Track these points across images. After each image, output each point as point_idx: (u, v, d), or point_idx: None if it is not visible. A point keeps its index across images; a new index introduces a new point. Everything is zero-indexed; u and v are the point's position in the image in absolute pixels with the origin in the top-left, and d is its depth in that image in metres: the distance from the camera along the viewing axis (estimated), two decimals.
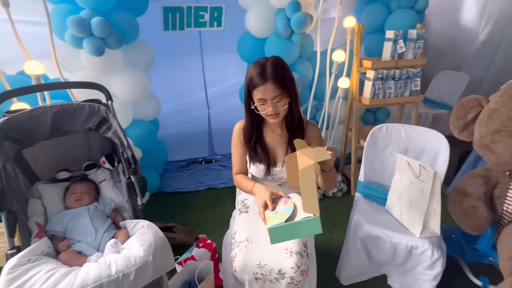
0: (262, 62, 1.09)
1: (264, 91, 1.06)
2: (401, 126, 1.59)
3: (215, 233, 1.96)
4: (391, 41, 2.07)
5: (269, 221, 0.98)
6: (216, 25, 2.41)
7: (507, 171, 1.17)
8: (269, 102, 1.07)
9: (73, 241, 1.10)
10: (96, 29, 1.63)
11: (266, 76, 1.05)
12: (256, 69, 1.07)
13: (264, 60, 1.09)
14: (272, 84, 1.05)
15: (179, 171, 2.74)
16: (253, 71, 1.07)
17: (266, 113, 1.11)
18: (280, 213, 1.00)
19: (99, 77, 1.87)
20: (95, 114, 1.21)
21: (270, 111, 1.09)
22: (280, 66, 1.09)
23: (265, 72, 1.05)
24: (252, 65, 1.10)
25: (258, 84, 1.06)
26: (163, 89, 2.55)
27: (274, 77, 1.05)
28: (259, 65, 1.08)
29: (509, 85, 1.15)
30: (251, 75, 1.07)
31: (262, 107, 1.10)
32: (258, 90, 1.06)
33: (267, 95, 1.07)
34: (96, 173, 1.36)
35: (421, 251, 1.29)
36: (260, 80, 1.05)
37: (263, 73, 1.05)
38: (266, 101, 1.08)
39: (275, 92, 1.07)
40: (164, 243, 1.01)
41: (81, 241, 1.10)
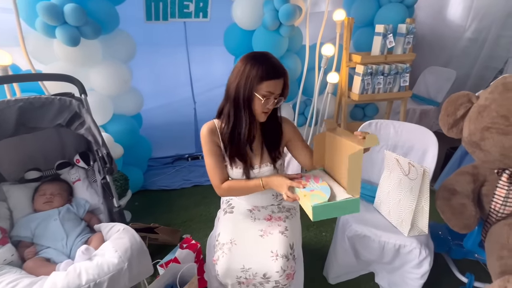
0: (268, 55, 1.02)
1: (276, 85, 1.00)
2: (390, 122, 1.57)
3: (201, 232, 1.90)
4: (381, 36, 2.03)
5: (308, 199, 0.95)
6: (202, 16, 2.31)
7: (496, 169, 1.16)
8: (272, 98, 1.02)
9: (41, 247, 1.01)
10: (70, 17, 1.51)
11: (280, 72, 1.00)
12: (269, 62, 0.99)
13: (266, 54, 1.03)
14: (283, 80, 1.02)
15: (165, 168, 2.65)
16: (264, 62, 0.98)
17: (264, 110, 1.04)
18: (317, 191, 0.97)
19: (75, 69, 1.76)
20: (66, 109, 1.12)
21: (270, 107, 1.04)
22: (284, 68, 1.04)
23: (278, 66, 1.00)
24: (257, 58, 1.00)
25: (274, 77, 0.99)
26: (147, 83, 2.45)
27: (286, 74, 1.02)
28: (268, 58, 1.01)
29: (499, 81, 1.13)
30: (263, 65, 0.98)
31: (264, 102, 1.01)
32: (271, 83, 0.99)
33: (277, 89, 1.01)
34: (69, 173, 1.27)
35: (409, 250, 1.27)
36: (276, 73, 0.99)
37: (278, 67, 1.00)
38: (270, 97, 1.01)
39: (281, 89, 1.03)
40: (141, 248, 0.94)
41: (50, 247, 1.01)
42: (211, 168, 1.12)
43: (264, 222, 1.20)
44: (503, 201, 1.13)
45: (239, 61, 1.03)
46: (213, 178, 1.13)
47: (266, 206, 1.28)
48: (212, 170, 1.12)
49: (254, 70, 0.98)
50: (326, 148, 1.10)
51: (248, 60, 1.00)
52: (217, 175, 1.12)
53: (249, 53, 1.03)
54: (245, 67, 0.99)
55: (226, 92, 1.06)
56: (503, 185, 1.13)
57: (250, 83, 0.99)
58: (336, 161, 1.03)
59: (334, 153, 1.04)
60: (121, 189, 1.81)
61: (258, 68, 0.98)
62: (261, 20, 1.95)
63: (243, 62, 1.01)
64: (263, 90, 0.99)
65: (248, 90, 1.00)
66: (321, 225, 1.98)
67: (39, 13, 1.48)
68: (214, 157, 1.11)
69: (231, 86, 1.03)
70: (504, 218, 1.14)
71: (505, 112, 1.04)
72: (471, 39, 2.88)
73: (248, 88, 0.99)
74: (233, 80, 1.02)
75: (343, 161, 0.95)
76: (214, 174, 1.12)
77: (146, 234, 1.55)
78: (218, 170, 1.12)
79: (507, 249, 0.97)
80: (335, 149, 1.02)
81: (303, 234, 1.88)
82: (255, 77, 0.98)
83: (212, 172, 1.12)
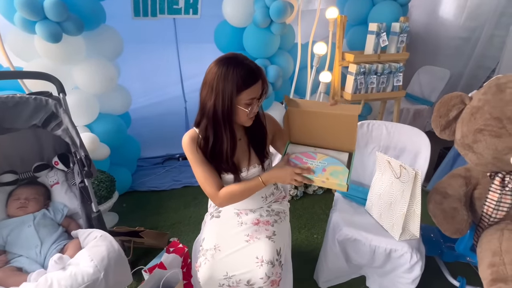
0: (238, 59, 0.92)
1: (257, 89, 0.93)
2: (383, 123, 1.53)
3: (190, 235, 1.85)
4: (374, 34, 2.00)
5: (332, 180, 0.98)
6: (192, 13, 2.25)
7: (488, 172, 1.13)
8: (255, 101, 0.95)
9: (13, 255, 0.96)
10: (50, 12, 1.44)
11: (257, 73, 0.93)
12: (242, 68, 0.90)
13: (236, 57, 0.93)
14: (261, 78, 0.94)
15: (155, 168, 2.59)
16: (237, 71, 0.89)
17: (250, 116, 0.97)
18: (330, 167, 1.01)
19: (58, 67, 1.70)
20: (42, 109, 1.06)
21: (255, 110, 0.97)
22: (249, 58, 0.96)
23: (254, 70, 0.92)
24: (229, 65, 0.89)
25: (253, 82, 0.91)
26: (136, 81, 2.39)
27: (260, 69, 0.94)
28: (240, 61, 0.91)
29: (492, 81, 1.09)
30: (238, 75, 0.89)
31: (248, 108, 0.94)
32: (251, 90, 0.91)
33: (258, 92, 0.94)
34: (47, 175, 1.21)
35: (400, 254, 1.24)
36: (254, 78, 0.91)
37: (254, 71, 0.92)
38: (254, 101, 0.95)
39: (261, 88, 0.96)
40: (119, 257, 0.89)
41: (22, 256, 0.96)
42: (203, 177, 1.02)
43: (251, 226, 1.16)
44: (495, 205, 1.10)
45: (208, 71, 0.93)
46: (208, 188, 1.03)
47: (255, 210, 1.24)
48: (204, 180, 1.02)
49: (229, 83, 0.89)
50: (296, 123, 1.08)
51: (220, 70, 0.89)
52: (212, 184, 1.02)
53: (219, 61, 0.92)
54: (219, 81, 0.89)
55: (202, 108, 0.97)
56: (496, 189, 1.10)
57: (228, 99, 0.90)
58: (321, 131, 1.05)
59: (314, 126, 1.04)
60: (106, 191, 1.75)
61: (233, 79, 0.88)
62: (252, 17, 1.90)
63: (214, 73, 0.90)
64: (245, 99, 0.92)
65: (228, 107, 0.91)
66: (313, 227, 1.94)
67: (17, 7, 1.41)
68: (203, 165, 1.02)
69: (207, 104, 0.93)
70: (497, 222, 1.12)
71: (499, 114, 1.01)
72: (464, 38, 2.86)
73: (227, 105, 0.91)
74: (208, 96, 0.93)
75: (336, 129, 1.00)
76: (208, 184, 1.02)
77: (131, 238, 1.50)
78: (212, 179, 1.02)
79: (499, 256, 0.94)
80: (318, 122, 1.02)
81: (294, 237, 1.85)
82: (232, 91, 0.89)
83: (205, 182, 1.03)
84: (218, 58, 0.94)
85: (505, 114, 0.99)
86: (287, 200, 1.35)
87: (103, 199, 1.76)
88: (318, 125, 1.02)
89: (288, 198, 1.36)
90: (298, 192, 2.22)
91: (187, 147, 1.03)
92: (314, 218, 2.03)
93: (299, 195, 2.23)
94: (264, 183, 1.03)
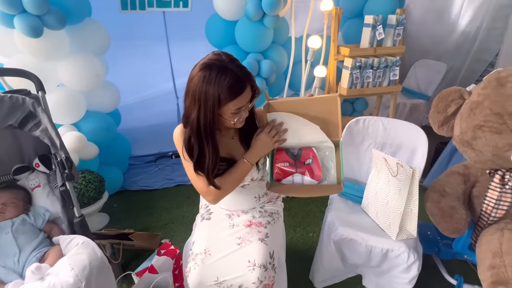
0: (222, 66, 0.82)
1: (244, 98, 0.86)
2: (379, 119, 1.49)
3: (182, 235, 1.80)
4: (370, 27, 1.94)
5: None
6: (182, 6, 2.17)
7: (488, 169, 1.09)
8: (244, 106, 0.88)
9: None
10: (29, 4, 1.36)
11: (244, 82, 0.84)
12: (227, 78, 0.81)
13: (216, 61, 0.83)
14: (249, 86, 0.87)
15: (147, 167, 2.53)
16: (221, 81, 0.81)
17: (238, 122, 0.90)
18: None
19: (41, 63, 1.62)
20: (18, 108, 1.00)
21: (245, 116, 0.91)
22: (243, 66, 0.88)
23: (240, 78, 0.84)
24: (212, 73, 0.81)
25: (238, 93, 0.84)
26: (125, 78, 2.30)
27: (250, 77, 0.87)
28: (225, 70, 0.82)
29: (492, 75, 1.05)
30: (221, 85, 0.81)
31: (235, 116, 0.88)
32: (239, 100, 0.85)
33: (246, 100, 0.87)
34: (28, 178, 1.15)
35: (397, 254, 1.21)
36: (240, 89, 0.84)
37: (240, 80, 0.84)
38: (241, 109, 0.88)
39: (250, 95, 0.88)
40: (101, 265, 0.85)
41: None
42: (194, 172, 0.94)
43: (243, 228, 1.11)
44: (495, 204, 1.07)
45: (191, 78, 0.85)
46: (199, 184, 0.97)
47: (247, 210, 1.19)
48: (195, 175, 0.95)
49: (212, 95, 0.81)
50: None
51: (202, 79, 0.81)
52: (203, 179, 0.94)
53: (201, 67, 0.83)
54: (201, 92, 0.81)
55: (186, 117, 0.89)
56: (495, 187, 1.06)
57: (210, 112, 0.83)
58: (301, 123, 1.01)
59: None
60: (95, 192, 1.70)
61: (216, 90, 0.81)
62: (243, 9, 1.83)
63: (196, 82, 0.82)
64: (231, 110, 0.86)
65: (210, 120, 0.84)
66: (308, 225, 1.91)
67: None
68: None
69: (191, 114, 0.86)
70: (496, 221, 1.08)
71: (499, 109, 0.97)
72: (462, 32, 2.81)
73: (210, 118, 0.84)
74: (191, 107, 0.85)
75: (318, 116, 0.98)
76: (199, 179, 0.95)
77: (120, 241, 1.45)
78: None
79: (499, 257, 0.91)
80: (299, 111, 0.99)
81: (289, 235, 1.82)
82: (214, 103, 0.82)
83: (196, 178, 0.96)
84: (201, 63, 0.85)
85: (506, 109, 0.95)
86: (281, 199, 1.31)
87: (92, 200, 1.70)
88: (299, 115, 0.99)
89: (281, 198, 1.31)
90: None
91: (177, 139, 0.97)
92: (310, 216, 1.99)
93: None
94: (250, 162, 0.98)
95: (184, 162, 0.98)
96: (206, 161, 0.90)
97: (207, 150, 0.89)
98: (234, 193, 1.15)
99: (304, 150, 1.04)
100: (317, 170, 1.02)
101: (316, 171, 1.02)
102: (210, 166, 0.91)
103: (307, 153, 1.03)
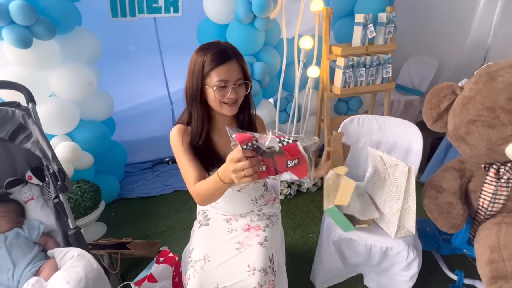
0: (215, 42, 0.93)
1: (227, 70, 0.90)
2: (373, 117, 1.49)
3: (181, 242, 1.79)
4: (361, 26, 1.95)
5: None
6: (172, 11, 2.17)
7: (483, 163, 1.09)
8: (230, 85, 0.91)
9: None
10: (17, 15, 1.35)
11: (229, 54, 0.90)
12: (214, 48, 0.90)
13: (216, 41, 0.94)
14: (237, 63, 0.92)
15: (144, 174, 2.51)
16: (208, 51, 0.90)
17: (224, 100, 0.92)
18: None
19: (31, 73, 1.60)
20: (8, 121, 0.99)
21: (232, 96, 0.92)
22: (237, 49, 0.95)
23: (226, 50, 0.91)
24: (203, 47, 0.92)
25: (220, 62, 0.89)
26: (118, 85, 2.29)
27: (238, 55, 0.93)
28: (215, 44, 0.92)
29: (483, 70, 1.06)
30: (207, 54, 0.89)
31: (220, 92, 0.91)
32: (220, 70, 0.89)
33: (231, 75, 0.91)
34: (21, 191, 1.14)
35: (397, 252, 1.21)
36: (223, 58, 0.89)
37: (225, 51, 0.90)
38: (227, 85, 0.91)
39: (239, 72, 0.92)
40: (98, 277, 0.83)
41: None
42: (185, 167, 0.95)
43: (242, 233, 1.10)
44: (491, 198, 1.07)
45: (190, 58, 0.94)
46: (187, 179, 0.95)
47: (245, 214, 1.18)
48: (185, 169, 0.95)
49: (198, 62, 0.90)
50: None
51: (195, 53, 0.92)
52: (191, 174, 0.93)
53: (198, 47, 0.94)
54: (193, 63, 0.91)
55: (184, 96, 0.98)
56: (491, 180, 1.07)
57: (196, 78, 0.91)
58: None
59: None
60: (91, 202, 1.68)
61: (202, 59, 0.89)
62: (234, 13, 1.83)
63: (192, 58, 0.93)
64: (216, 79, 0.90)
65: (197, 86, 0.91)
66: (307, 226, 1.90)
67: None
68: (187, 154, 0.96)
69: (185, 87, 0.95)
70: (493, 216, 1.08)
71: (491, 104, 0.97)
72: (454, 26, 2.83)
73: (196, 84, 0.91)
74: (186, 81, 0.94)
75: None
76: (187, 173, 0.94)
77: (118, 251, 1.43)
78: (191, 168, 0.94)
79: (497, 252, 0.91)
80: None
81: (288, 237, 1.81)
82: (201, 69, 0.90)
83: (185, 172, 0.95)
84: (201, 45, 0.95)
85: (497, 103, 0.96)
86: (278, 201, 1.30)
87: (89, 210, 1.69)
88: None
89: (279, 200, 1.31)
90: (291, 191, 2.18)
91: (173, 137, 0.99)
92: (309, 217, 1.99)
93: (292, 194, 2.19)
94: (222, 180, 0.81)
95: (177, 157, 0.98)
96: (194, 126, 0.97)
97: (194, 112, 0.96)
98: (230, 198, 1.14)
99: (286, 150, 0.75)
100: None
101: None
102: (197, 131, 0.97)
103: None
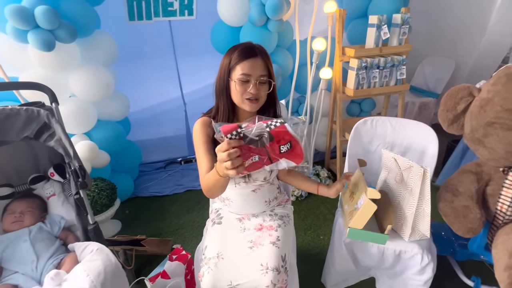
0: (246, 42, 1.03)
1: (251, 66, 0.96)
2: (387, 119, 1.48)
3: (193, 240, 1.82)
4: (375, 27, 1.93)
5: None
6: (187, 14, 2.21)
7: (501, 167, 1.07)
8: (252, 81, 0.96)
9: (9, 272, 0.93)
10: (42, 20, 1.42)
11: (255, 51, 0.98)
12: (242, 45, 0.99)
13: (247, 42, 1.03)
14: (262, 60, 0.98)
15: (157, 173, 2.57)
16: (237, 47, 0.99)
17: (246, 96, 0.98)
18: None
19: (53, 75, 1.67)
20: (34, 120, 1.03)
21: (253, 92, 0.96)
22: (265, 50, 1.03)
23: (253, 47, 0.99)
24: (235, 45, 1.01)
25: (246, 57, 0.96)
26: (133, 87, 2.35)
27: (264, 54, 1.00)
28: (245, 43, 1.01)
29: (502, 71, 1.03)
30: (236, 50, 0.98)
31: (243, 86, 0.97)
32: (244, 64, 0.96)
33: (254, 71, 0.97)
34: (44, 187, 1.19)
35: (410, 256, 1.19)
36: (248, 53, 0.97)
37: (251, 48, 0.98)
38: (250, 79, 0.97)
39: (263, 70, 0.99)
40: (116, 270, 0.86)
41: (18, 272, 0.93)
42: (199, 157, 0.98)
43: (254, 232, 1.12)
44: (510, 202, 1.04)
45: None
46: (200, 169, 0.97)
47: (257, 214, 1.20)
48: (200, 159, 0.98)
49: (227, 58, 0.99)
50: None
51: (228, 51, 1.01)
52: (203, 165, 0.95)
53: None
54: (223, 59, 1.01)
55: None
56: (510, 184, 1.04)
57: (224, 72, 0.99)
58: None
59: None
60: (107, 199, 1.73)
61: (230, 55, 0.98)
62: (247, 15, 1.85)
63: (225, 54, 1.02)
64: (240, 72, 0.96)
65: (223, 79, 0.99)
66: (319, 228, 1.90)
67: (7, 17, 1.39)
68: (204, 145, 0.99)
69: (215, 81, 1.05)
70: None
71: (510, 106, 0.95)
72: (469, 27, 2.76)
73: (223, 77, 0.99)
74: (217, 75, 1.04)
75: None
76: (200, 164, 0.97)
77: (133, 247, 1.47)
78: (205, 160, 0.96)
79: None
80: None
81: (300, 238, 1.81)
82: (228, 63, 0.98)
83: (199, 163, 0.98)
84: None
85: None
86: (290, 203, 1.31)
87: (105, 207, 1.74)
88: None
89: (291, 201, 1.31)
90: (302, 192, 2.18)
91: (195, 128, 1.05)
92: (320, 219, 1.98)
93: (303, 195, 2.19)
94: (218, 173, 0.79)
95: (195, 148, 1.02)
96: (218, 120, 1.04)
97: (220, 105, 1.04)
98: (245, 198, 1.16)
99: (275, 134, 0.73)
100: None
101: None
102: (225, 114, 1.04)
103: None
